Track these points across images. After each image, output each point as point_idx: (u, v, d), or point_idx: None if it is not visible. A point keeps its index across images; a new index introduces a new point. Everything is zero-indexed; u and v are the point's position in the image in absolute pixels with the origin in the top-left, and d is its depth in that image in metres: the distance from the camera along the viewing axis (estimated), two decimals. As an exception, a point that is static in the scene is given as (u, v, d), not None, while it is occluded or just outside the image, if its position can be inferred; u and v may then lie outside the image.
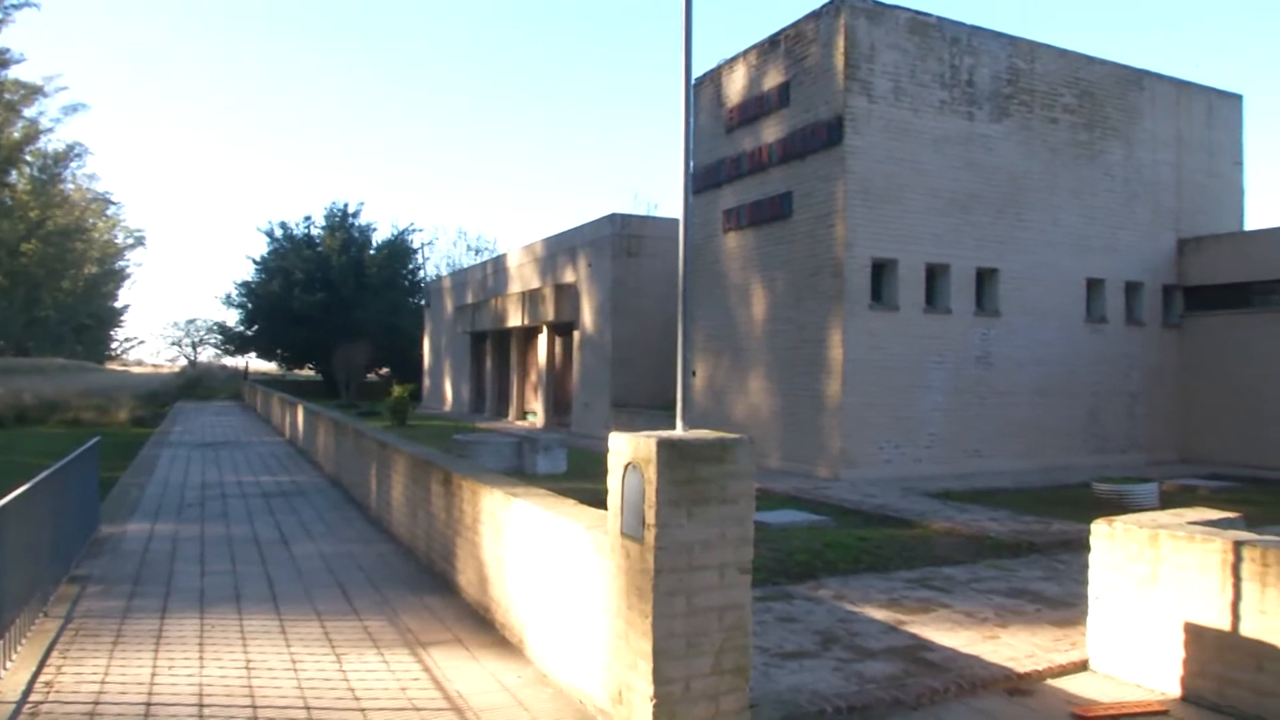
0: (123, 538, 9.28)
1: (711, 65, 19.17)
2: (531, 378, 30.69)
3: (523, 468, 15.46)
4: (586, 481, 11.36)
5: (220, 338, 59.35)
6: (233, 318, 54.22)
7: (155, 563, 8.13)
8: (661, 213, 47.53)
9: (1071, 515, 10.77)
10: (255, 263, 51.50)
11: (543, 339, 28.85)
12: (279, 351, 53.38)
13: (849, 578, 7.74)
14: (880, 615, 6.55)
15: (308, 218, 52.61)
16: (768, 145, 17.14)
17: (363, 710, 4.63)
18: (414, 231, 55.39)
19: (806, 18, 16.29)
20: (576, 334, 26.25)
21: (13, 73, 50.41)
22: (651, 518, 3.97)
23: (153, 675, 5.12)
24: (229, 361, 64.30)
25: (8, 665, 5.19)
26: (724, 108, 18.65)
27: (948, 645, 5.82)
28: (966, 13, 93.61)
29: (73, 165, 62.49)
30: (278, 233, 51.46)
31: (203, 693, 4.86)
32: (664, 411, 19.21)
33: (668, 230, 23.74)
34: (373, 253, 51.27)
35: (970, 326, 16.48)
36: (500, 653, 5.62)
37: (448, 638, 5.94)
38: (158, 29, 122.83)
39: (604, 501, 4.51)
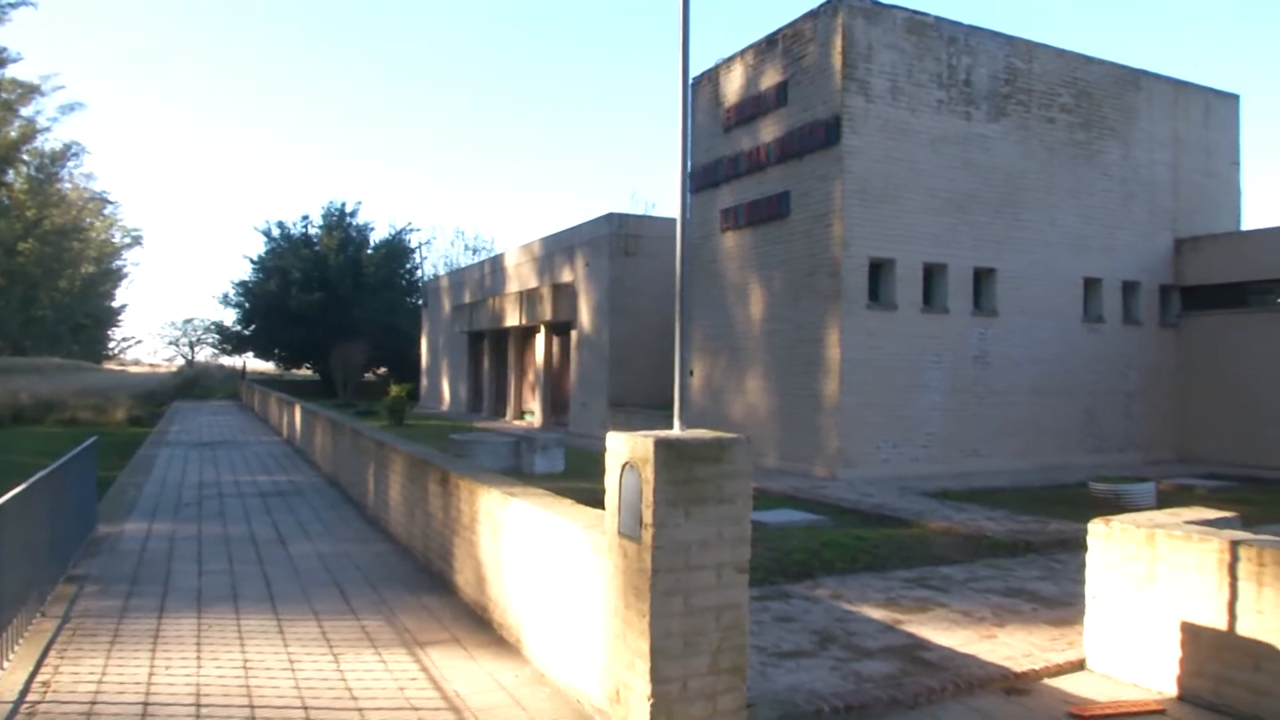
0: (120, 537, 9.27)
1: (709, 65, 19.18)
2: (529, 377, 30.68)
3: (520, 467, 15.46)
4: (584, 481, 11.35)
5: (217, 337, 59.40)
6: (230, 317, 54.30)
7: (152, 562, 8.12)
8: (659, 212, 47.57)
9: (1069, 515, 10.79)
10: (253, 262, 51.50)
11: (540, 338, 28.84)
12: (276, 351, 53.34)
13: (846, 577, 7.75)
14: (877, 614, 6.55)
15: (305, 217, 52.77)
16: (765, 145, 17.14)
17: (360, 710, 4.63)
18: (412, 231, 55.32)
19: (804, 17, 16.29)
20: (574, 333, 26.23)
21: (9, 71, 50.35)
22: (649, 517, 3.97)
23: (150, 675, 5.12)
24: (226, 361, 64.41)
25: (5, 665, 5.19)
26: (722, 107, 18.65)
27: (945, 644, 5.83)
28: (964, 12, 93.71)
29: (70, 164, 62.51)
30: (275, 232, 51.44)
31: (200, 693, 4.86)
32: (661, 411, 19.18)
33: (665, 230, 23.74)
34: (370, 252, 51.22)
35: (968, 326, 16.49)
36: (498, 652, 5.62)
37: (445, 637, 5.94)
38: (157, 29, 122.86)
39: (601, 501, 4.50)
